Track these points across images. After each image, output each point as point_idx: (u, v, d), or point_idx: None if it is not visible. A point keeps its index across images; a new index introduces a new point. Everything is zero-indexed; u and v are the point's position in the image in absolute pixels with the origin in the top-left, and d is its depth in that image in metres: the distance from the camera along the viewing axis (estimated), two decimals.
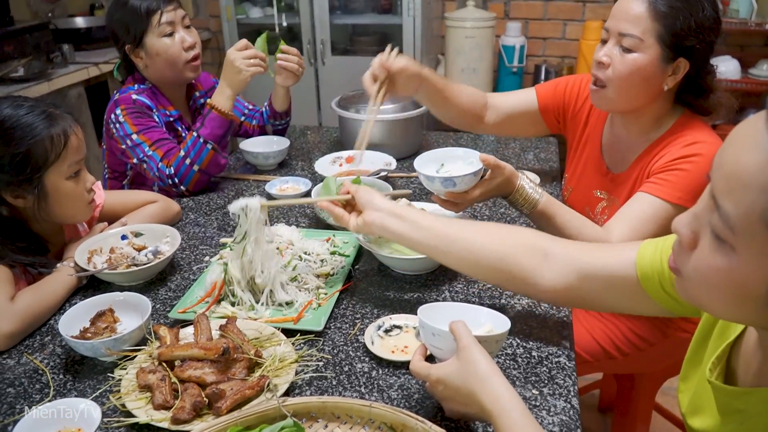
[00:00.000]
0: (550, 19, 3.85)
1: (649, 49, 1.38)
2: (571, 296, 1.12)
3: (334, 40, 3.62)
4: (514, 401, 0.86)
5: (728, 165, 0.67)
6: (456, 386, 0.92)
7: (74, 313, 1.21)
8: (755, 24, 3.21)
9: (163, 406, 1.01)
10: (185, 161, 1.80)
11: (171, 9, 1.88)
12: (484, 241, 1.14)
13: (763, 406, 0.78)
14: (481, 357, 0.90)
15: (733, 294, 0.70)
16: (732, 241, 0.67)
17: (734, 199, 0.65)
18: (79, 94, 3.10)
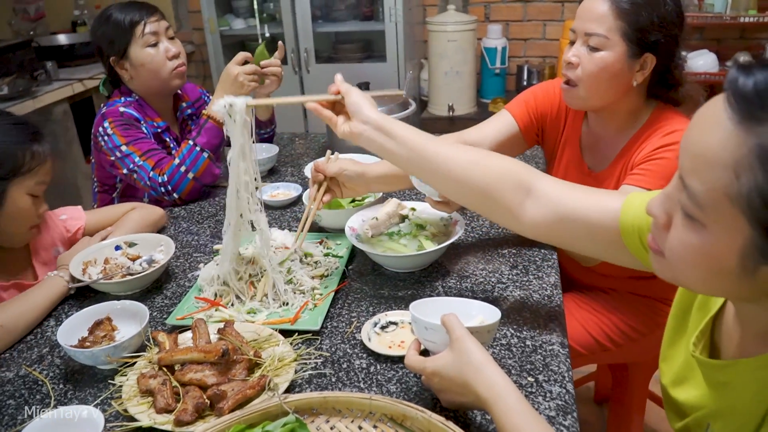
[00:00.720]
0: (530, 20, 3.90)
1: (615, 46, 1.41)
2: (550, 235, 1.13)
3: (318, 48, 3.64)
4: (508, 388, 0.88)
5: (692, 145, 0.70)
6: (451, 377, 0.94)
7: (72, 323, 1.22)
8: (730, 18, 3.26)
9: (165, 410, 1.02)
10: (180, 169, 1.82)
11: (154, 20, 1.90)
12: (471, 169, 1.12)
13: (746, 376, 0.80)
14: (474, 347, 0.92)
15: (708, 269, 0.73)
16: (701, 218, 0.70)
17: (699, 178, 0.68)
18: (65, 110, 3.10)
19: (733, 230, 0.67)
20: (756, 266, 0.69)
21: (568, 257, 1.79)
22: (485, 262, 1.46)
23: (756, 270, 0.69)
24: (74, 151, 3.20)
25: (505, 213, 1.13)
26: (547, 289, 1.34)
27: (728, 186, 0.65)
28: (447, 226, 1.51)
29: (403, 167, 1.19)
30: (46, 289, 1.37)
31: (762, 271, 0.69)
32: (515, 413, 0.86)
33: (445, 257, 1.48)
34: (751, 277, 0.70)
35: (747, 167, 0.64)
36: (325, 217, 1.59)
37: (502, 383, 0.89)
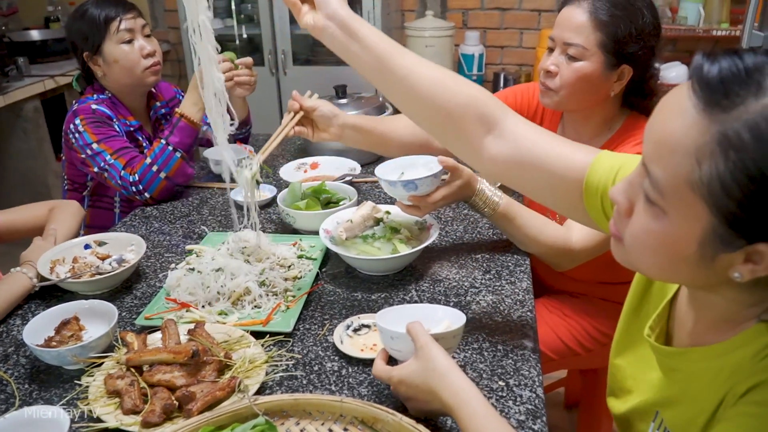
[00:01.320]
0: (507, 28, 3.93)
1: (592, 56, 1.43)
2: (507, 176, 1.07)
3: (296, 51, 3.64)
4: (472, 393, 0.89)
5: (655, 132, 0.71)
6: (417, 385, 0.94)
7: (39, 323, 1.20)
8: (703, 30, 3.31)
9: (132, 411, 1.01)
10: (152, 168, 1.79)
11: (130, 17, 1.88)
12: (437, 88, 1.03)
13: (700, 365, 0.81)
14: (438, 354, 0.93)
15: (667, 255, 0.73)
16: (662, 204, 0.70)
17: (662, 164, 0.69)
18: (36, 107, 3.05)
19: (693, 217, 0.68)
20: (715, 254, 0.69)
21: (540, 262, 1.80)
22: (458, 267, 1.46)
23: (714, 258, 0.70)
24: (45, 149, 3.15)
25: (465, 144, 1.06)
26: (520, 294, 1.35)
27: (690, 173, 0.66)
28: (421, 230, 1.51)
29: (365, 75, 1.08)
30: (9, 285, 1.33)
31: (720, 259, 0.70)
32: (479, 417, 0.86)
33: (418, 261, 1.48)
34: (709, 264, 0.71)
35: (709, 155, 0.64)
36: (300, 219, 1.58)
37: (467, 389, 0.89)
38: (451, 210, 1.75)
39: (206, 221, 1.74)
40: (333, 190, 1.71)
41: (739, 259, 0.69)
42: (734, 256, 0.68)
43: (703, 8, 3.29)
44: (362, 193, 1.86)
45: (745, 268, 0.68)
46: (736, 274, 0.69)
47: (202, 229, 1.67)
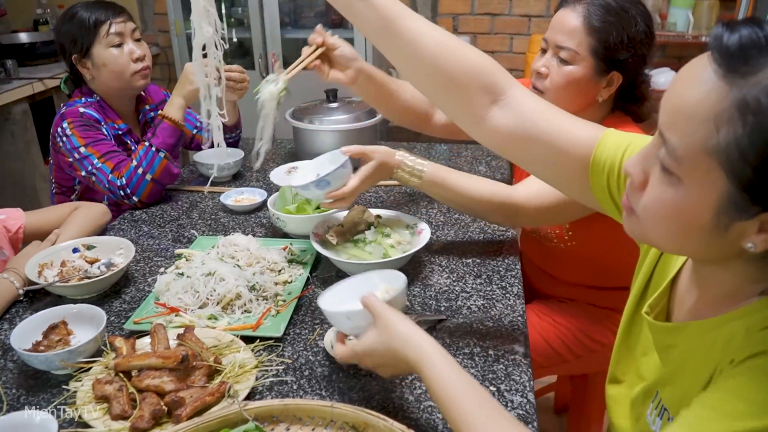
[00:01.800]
0: (497, 34, 3.94)
1: (583, 61, 1.43)
2: (509, 149, 1.04)
3: (286, 55, 3.63)
4: (434, 348, 0.91)
5: (673, 100, 0.71)
6: (381, 352, 0.96)
7: (26, 327, 1.19)
8: (692, 36, 3.34)
9: (121, 416, 1.00)
10: (137, 171, 1.78)
11: (120, 21, 1.87)
12: (443, 53, 1.00)
13: (695, 339, 0.81)
14: (397, 319, 0.95)
15: (681, 225, 0.73)
16: (678, 172, 0.70)
17: (679, 131, 0.69)
18: (24, 110, 3.03)
19: (709, 184, 0.68)
20: (730, 222, 0.70)
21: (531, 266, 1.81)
22: (449, 271, 1.46)
23: (729, 227, 0.70)
24: (33, 152, 3.13)
25: (468, 113, 1.03)
26: (510, 299, 1.35)
27: (707, 139, 0.66)
28: (412, 234, 1.51)
29: (369, 36, 1.05)
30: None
31: (735, 228, 0.70)
32: (441, 370, 0.88)
33: (409, 265, 1.47)
34: (723, 234, 0.71)
35: (727, 120, 0.65)
36: (290, 223, 1.58)
37: (427, 346, 0.91)
38: (441, 215, 1.75)
39: (196, 225, 1.73)
40: None
41: (753, 228, 0.69)
42: (748, 225, 0.69)
43: (692, 14, 3.31)
44: None
45: (759, 237, 0.69)
46: (749, 244, 0.70)
47: (192, 233, 1.67)
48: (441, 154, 2.30)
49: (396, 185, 1.95)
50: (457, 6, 3.91)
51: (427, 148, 2.36)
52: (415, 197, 1.88)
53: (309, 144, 2.11)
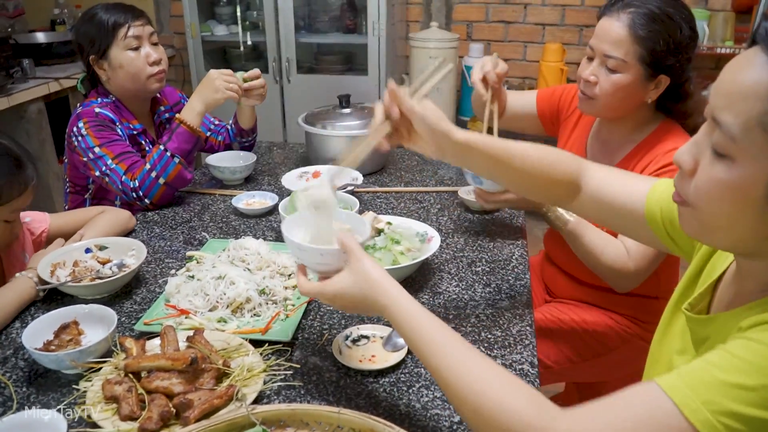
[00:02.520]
0: (511, 41, 3.94)
1: (631, 69, 1.46)
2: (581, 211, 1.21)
3: (300, 59, 3.65)
4: (400, 293, 0.94)
5: (726, 84, 0.75)
6: (353, 295, 0.98)
7: (38, 326, 1.20)
8: (707, 48, 3.33)
9: (129, 417, 1.00)
10: (151, 174, 1.80)
11: (139, 24, 1.89)
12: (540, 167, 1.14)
13: (725, 330, 0.82)
14: (371, 265, 0.97)
15: (734, 202, 0.76)
16: (733, 152, 0.74)
17: (734, 111, 0.73)
18: (39, 109, 3.06)
19: (763, 159, 0.72)
20: None
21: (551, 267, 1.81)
22: (458, 280, 1.46)
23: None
24: (47, 151, 3.16)
25: (557, 203, 1.23)
26: (519, 309, 1.35)
27: (763, 115, 0.70)
28: (422, 242, 1.51)
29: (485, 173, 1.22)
30: (14, 291, 1.33)
31: None
32: (405, 311, 0.92)
33: (419, 273, 1.48)
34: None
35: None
36: None
37: (395, 291, 0.94)
38: (452, 222, 1.75)
39: (207, 228, 1.74)
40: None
41: None
42: None
43: (708, 26, 3.31)
44: (364, 203, 1.87)
45: None
46: None
47: (203, 236, 1.68)
48: None
49: (407, 191, 1.96)
50: (471, 13, 3.92)
51: None
52: (426, 205, 1.88)
53: (321, 149, 2.12)
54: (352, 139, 2.06)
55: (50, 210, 1.71)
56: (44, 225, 1.58)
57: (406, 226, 1.56)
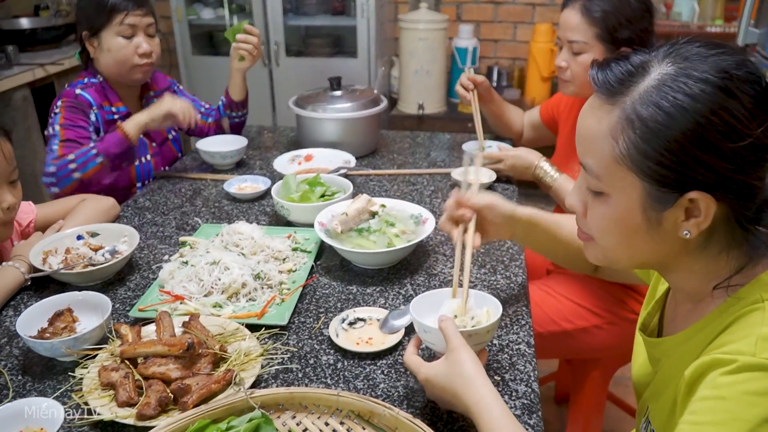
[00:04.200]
0: (501, 22, 3.92)
1: (593, 48, 1.64)
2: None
3: (288, 42, 3.61)
4: (494, 402, 0.89)
5: (581, 131, 0.85)
6: (443, 386, 0.95)
7: (32, 314, 1.19)
8: (697, 27, 3.32)
9: (127, 403, 1.00)
10: (69, 165, 1.73)
11: (138, 13, 1.87)
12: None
13: (672, 352, 0.88)
14: (467, 359, 0.94)
15: (623, 232, 0.84)
16: (603, 188, 0.82)
17: (590, 154, 0.82)
18: (25, 96, 3.01)
19: (628, 188, 0.80)
20: (658, 215, 0.79)
21: None
22: (453, 261, 1.46)
23: (660, 220, 0.80)
24: (33, 138, 3.12)
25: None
26: (515, 289, 1.35)
27: (612, 150, 0.79)
28: (416, 224, 1.51)
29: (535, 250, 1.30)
30: (1, 280, 1.32)
31: (666, 220, 0.79)
32: (499, 428, 0.86)
33: (413, 255, 1.48)
34: (658, 228, 0.80)
35: (620, 130, 0.78)
36: (294, 211, 1.58)
37: (489, 397, 0.90)
38: None
39: (199, 213, 1.73)
40: (328, 183, 1.71)
41: (680, 215, 0.78)
42: (675, 213, 0.78)
43: (698, 4, 3.30)
44: (357, 185, 1.86)
45: (689, 224, 0.78)
46: (685, 232, 0.79)
47: (195, 221, 1.67)
48: (443, 143, 2.29)
49: (400, 174, 1.95)
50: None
51: (430, 137, 2.35)
52: (419, 187, 1.88)
53: (312, 132, 2.10)
54: (343, 122, 2.06)
55: (38, 198, 1.69)
56: (31, 216, 1.56)
57: (401, 209, 1.56)
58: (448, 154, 2.16)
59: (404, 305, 1.29)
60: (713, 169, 0.74)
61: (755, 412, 0.68)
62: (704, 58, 0.75)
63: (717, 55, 0.75)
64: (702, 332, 0.81)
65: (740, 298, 0.79)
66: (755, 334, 0.72)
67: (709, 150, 0.73)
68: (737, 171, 0.74)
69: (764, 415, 0.68)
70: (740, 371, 0.70)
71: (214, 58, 3.74)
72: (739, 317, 0.77)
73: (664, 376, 0.90)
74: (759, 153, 0.74)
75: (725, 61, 0.74)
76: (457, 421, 1.01)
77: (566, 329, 1.71)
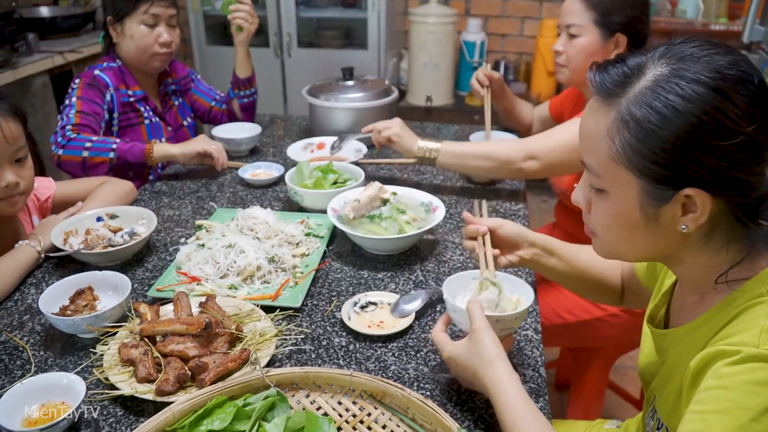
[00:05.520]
0: (509, 17, 3.94)
1: (588, 31, 1.70)
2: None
3: (300, 33, 3.64)
4: (511, 384, 0.92)
5: (582, 132, 0.88)
6: (464, 366, 0.99)
7: (53, 292, 1.22)
8: (702, 24, 3.34)
9: (146, 379, 1.03)
10: (86, 143, 1.76)
11: (162, 4, 1.91)
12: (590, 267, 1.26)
13: (678, 344, 0.90)
14: (488, 341, 0.97)
15: (623, 227, 0.86)
16: (604, 185, 0.85)
17: (590, 153, 0.85)
18: (44, 83, 3.05)
19: (625, 185, 0.82)
20: (656, 212, 0.81)
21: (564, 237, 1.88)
22: (463, 249, 1.49)
23: (657, 216, 0.82)
24: (52, 124, 3.14)
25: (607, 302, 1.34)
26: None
27: (609, 149, 0.81)
28: (427, 212, 1.54)
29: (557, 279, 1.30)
30: (15, 257, 1.36)
31: (663, 216, 0.81)
32: (514, 408, 0.89)
33: (424, 241, 1.50)
34: (656, 224, 0.83)
35: (616, 130, 0.80)
36: (307, 197, 1.61)
37: (506, 379, 0.92)
38: (455, 193, 1.78)
39: (215, 197, 1.76)
40: (340, 171, 1.74)
41: (677, 210, 0.80)
42: (672, 208, 0.80)
43: (702, 2, 3.31)
44: (368, 174, 1.88)
45: (686, 219, 0.80)
46: (683, 227, 0.81)
47: (211, 206, 1.70)
48: (451, 134, 2.32)
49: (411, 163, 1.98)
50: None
51: (439, 128, 2.38)
52: (429, 176, 1.90)
53: (325, 121, 2.13)
54: (355, 111, 2.08)
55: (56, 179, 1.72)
56: (50, 191, 1.59)
57: (411, 197, 1.59)
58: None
59: (414, 290, 1.32)
60: (707, 166, 0.75)
61: (758, 401, 0.69)
62: (697, 59, 0.77)
63: (710, 56, 0.76)
64: (707, 324, 0.83)
65: (745, 291, 0.81)
66: (759, 326, 0.74)
67: (703, 149, 0.75)
68: (731, 168, 0.75)
69: (767, 404, 0.69)
70: (744, 362, 0.72)
71: (228, 49, 3.74)
72: (743, 310, 0.78)
73: (670, 366, 0.92)
74: (753, 150, 0.75)
75: (718, 61, 0.76)
76: (466, 403, 1.04)
77: (569, 322, 1.76)
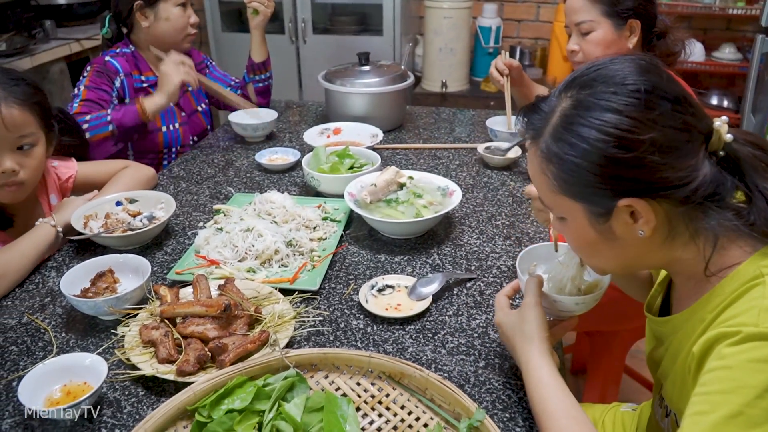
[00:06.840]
0: (525, 2, 3.90)
1: (601, 24, 1.67)
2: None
3: (315, 20, 3.63)
4: (544, 364, 0.95)
5: (530, 174, 0.93)
6: (507, 336, 1.04)
7: (75, 274, 1.24)
8: (719, 8, 3.29)
9: (167, 360, 1.05)
10: (83, 125, 1.77)
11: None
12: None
13: (678, 330, 0.91)
14: (533, 318, 1.00)
15: (587, 246, 0.91)
16: (559, 214, 0.91)
17: (538, 189, 0.92)
18: (61, 69, 3.08)
19: (572, 210, 0.87)
20: (607, 227, 0.85)
21: None
22: (479, 232, 1.49)
23: (610, 229, 0.85)
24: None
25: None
26: None
27: (547, 183, 0.87)
28: (444, 196, 1.54)
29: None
30: (33, 236, 1.37)
31: (614, 228, 0.84)
32: (543, 386, 0.92)
33: (440, 226, 1.51)
34: (614, 237, 0.86)
35: (546, 167, 0.86)
36: (324, 182, 1.61)
37: (539, 358, 0.95)
38: (471, 177, 1.78)
39: (232, 182, 1.77)
40: (356, 155, 1.74)
41: (627, 219, 0.83)
42: (620, 220, 0.83)
43: None
44: (384, 158, 1.89)
45: (639, 225, 0.83)
46: (640, 232, 0.83)
47: (228, 190, 1.71)
48: (467, 119, 2.31)
49: (426, 148, 1.98)
50: None
51: (454, 113, 2.37)
52: (445, 161, 1.90)
53: (341, 106, 2.13)
54: (371, 96, 2.08)
55: None
56: (72, 171, 1.61)
57: (428, 181, 1.59)
58: (472, 130, 2.18)
59: (431, 273, 1.32)
60: (629, 178, 0.79)
61: (762, 378, 0.70)
62: (592, 86, 0.82)
63: (603, 79, 0.82)
64: (705, 308, 0.84)
65: (739, 273, 0.81)
66: (757, 306, 0.75)
67: (618, 164, 0.79)
68: (652, 173, 0.78)
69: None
70: (744, 341, 0.73)
71: (243, 35, 3.76)
72: (741, 293, 0.79)
73: (673, 352, 0.92)
74: (664, 151, 0.78)
75: (612, 80, 0.81)
76: (484, 384, 1.04)
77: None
